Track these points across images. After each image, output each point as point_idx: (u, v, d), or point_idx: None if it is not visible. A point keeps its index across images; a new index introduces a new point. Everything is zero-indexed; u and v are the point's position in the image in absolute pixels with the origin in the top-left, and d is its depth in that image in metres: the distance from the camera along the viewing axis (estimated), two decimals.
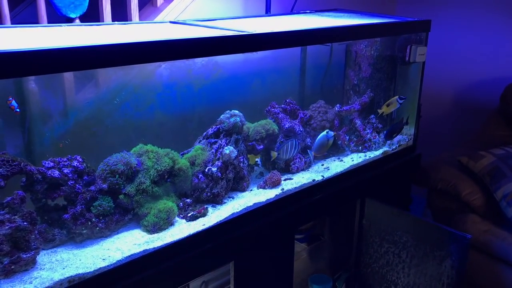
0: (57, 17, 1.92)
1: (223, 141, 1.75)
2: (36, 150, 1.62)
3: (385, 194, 2.20)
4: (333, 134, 1.98)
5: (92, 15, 2.03)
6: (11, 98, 1.40)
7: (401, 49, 2.30)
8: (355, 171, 2.11)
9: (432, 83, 3.34)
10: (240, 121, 1.79)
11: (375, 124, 2.27)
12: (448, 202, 2.53)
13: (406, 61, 2.27)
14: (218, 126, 1.79)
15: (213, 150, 1.73)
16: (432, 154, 2.77)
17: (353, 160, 2.15)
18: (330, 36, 1.92)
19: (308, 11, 2.49)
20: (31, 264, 1.30)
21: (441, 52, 3.34)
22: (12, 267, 1.25)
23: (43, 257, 1.35)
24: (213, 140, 1.76)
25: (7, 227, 1.24)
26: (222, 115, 1.80)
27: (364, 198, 2.17)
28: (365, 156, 2.20)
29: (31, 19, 2.28)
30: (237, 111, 1.81)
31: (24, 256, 1.28)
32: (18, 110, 1.42)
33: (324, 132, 1.98)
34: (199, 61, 1.83)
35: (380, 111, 2.19)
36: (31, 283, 1.24)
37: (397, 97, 2.17)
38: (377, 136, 2.26)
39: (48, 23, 1.90)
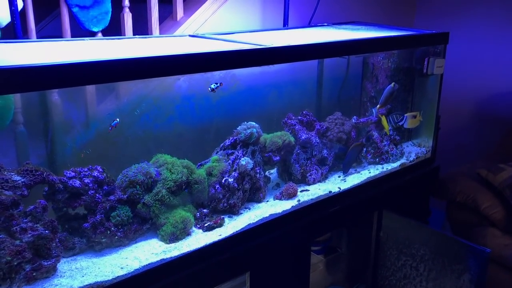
0: (80, 31, 1.98)
1: (239, 152, 1.78)
2: (58, 160, 1.66)
3: (403, 206, 2.19)
4: (397, 87, 2.06)
5: (114, 29, 2.09)
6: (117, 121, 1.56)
7: (419, 61, 2.30)
8: (372, 183, 2.11)
9: (452, 95, 3.31)
10: (257, 132, 1.81)
11: (392, 136, 2.26)
12: (467, 215, 2.49)
13: (424, 73, 2.27)
14: (235, 137, 1.81)
15: (230, 161, 1.75)
16: (452, 167, 2.74)
17: (370, 172, 2.14)
18: (346, 49, 1.93)
19: (325, 24, 2.51)
20: (51, 271, 1.34)
21: (461, 63, 3.31)
22: (34, 274, 1.29)
23: (63, 265, 1.39)
24: (230, 151, 1.79)
25: (29, 235, 1.28)
26: (239, 126, 1.82)
27: (381, 210, 2.16)
28: (382, 168, 2.19)
29: (56, 32, 2.36)
30: (253, 123, 1.83)
31: (45, 263, 1.31)
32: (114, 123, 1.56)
33: (392, 84, 2.07)
34: (217, 73, 1.86)
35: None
36: None
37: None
38: (394, 148, 2.25)
39: (72, 37, 1.96)
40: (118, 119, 1.57)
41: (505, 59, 3.13)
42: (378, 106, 2.13)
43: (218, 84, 1.67)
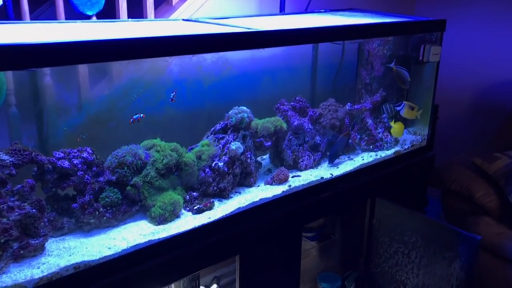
0: (75, 14, 1.98)
1: (230, 136, 1.78)
2: (51, 141, 1.67)
3: (398, 195, 2.18)
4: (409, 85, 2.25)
5: (108, 13, 2.09)
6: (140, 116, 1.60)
7: (415, 48, 2.28)
8: (365, 170, 2.11)
9: (450, 84, 3.29)
10: (248, 117, 1.81)
11: (387, 124, 2.26)
12: (461, 204, 2.49)
13: (420, 60, 2.26)
14: (226, 122, 1.82)
15: (220, 145, 1.76)
16: (449, 156, 2.73)
17: (363, 159, 2.14)
18: (339, 34, 1.92)
19: (322, 10, 2.50)
20: (39, 250, 1.35)
21: (460, 52, 3.29)
22: (21, 252, 1.30)
23: (52, 244, 1.40)
24: (220, 136, 1.79)
25: (16, 213, 1.29)
26: (230, 111, 1.82)
27: (374, 197, 2.17)
28: (376, 155, 2.19)
29: (51, 18, 2.36)
30: (245, 107, 1.83)
31: (33, 242, 1.33)
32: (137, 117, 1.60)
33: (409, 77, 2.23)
34: (209, 57, 1.86)
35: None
36: (39, 268, 1.29)
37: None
38: (388, 136, 2.25)
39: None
40: (142, 114, 1.59)
41: (504, 48, 3.11)
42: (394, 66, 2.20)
43: (174, 92, 1.72)
